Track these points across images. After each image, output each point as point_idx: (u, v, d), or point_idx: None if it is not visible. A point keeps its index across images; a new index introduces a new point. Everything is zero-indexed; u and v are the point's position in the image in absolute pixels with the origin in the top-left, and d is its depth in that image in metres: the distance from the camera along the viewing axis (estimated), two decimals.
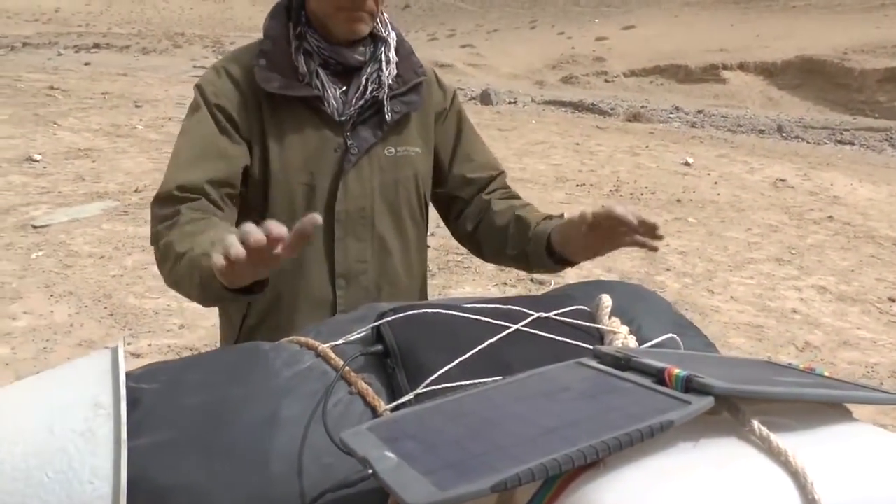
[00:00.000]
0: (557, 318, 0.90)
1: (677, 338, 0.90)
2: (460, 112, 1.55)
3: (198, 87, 1.36)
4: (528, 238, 1.36)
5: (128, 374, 0.76)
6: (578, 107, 20.60)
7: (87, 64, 24.74)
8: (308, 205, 1.35)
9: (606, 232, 1.16)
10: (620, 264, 5.18)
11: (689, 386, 0.64)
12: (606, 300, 0.95)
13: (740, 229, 6.37)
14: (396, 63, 1.41)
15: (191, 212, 1.21)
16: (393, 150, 1.41)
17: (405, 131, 1.44)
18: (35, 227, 5.12)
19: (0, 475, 0.64)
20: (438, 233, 5.66)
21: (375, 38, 1.41)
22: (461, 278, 4.78)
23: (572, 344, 0.86)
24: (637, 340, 0.91)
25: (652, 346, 0.88)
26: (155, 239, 1.23)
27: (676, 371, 0.65)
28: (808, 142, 15.11)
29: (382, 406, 0.76)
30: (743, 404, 0.65)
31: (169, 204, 1.23)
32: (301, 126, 1.35)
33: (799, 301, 4.79)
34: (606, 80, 27.48)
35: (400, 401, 0.76)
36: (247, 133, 1.34)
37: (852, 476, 0.61)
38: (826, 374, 0.81)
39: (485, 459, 0.58)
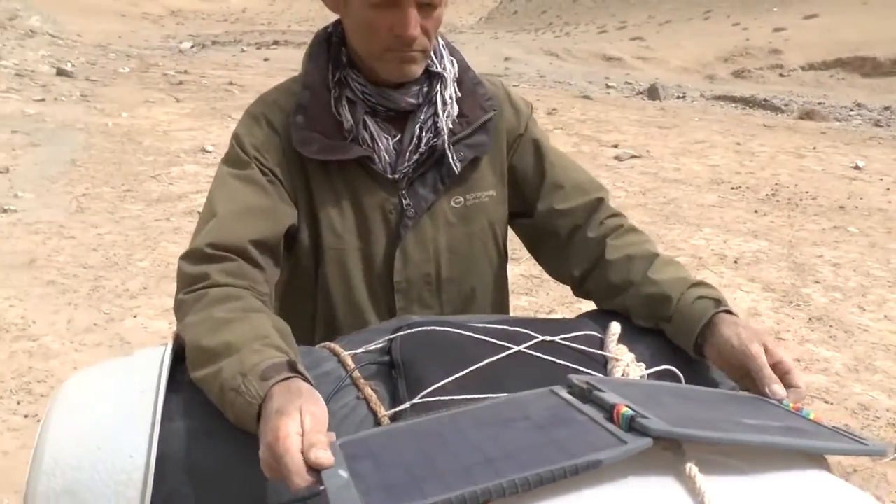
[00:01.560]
0: (564, 342, 0.95)
1: (675, 370, 0.93)
2: (538, 135, 1.34)
3: (235, 137, 1.21)
4: (667, 317, 1.07)
5: (178, 368, 0.91)
6: (749, 102, 19.56)
7: (265, 60, 26.46)
8: (364, 272, 1.22)
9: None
10: (765, 274, 4.95)
11: (632, 425, 0.67)
12: (615, 327, 0.99)
13: None
14: (458, 99, 1.24)
15: (223, 277, 1.05)
16: (461, 199, 1.25)
17: (474, 175, 1.26)
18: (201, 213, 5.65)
19: (67, 443, 0.80)
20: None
21: (430, 75, 1.23)
22: None
23: (572, 368, 0.91)
24: (648, 369, 0.94)
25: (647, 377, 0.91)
26: (178, 308, 1.05)
27: (624, 409, 0.68)
28: None
29: (382, 412, 0.86)
30: (688, 445, 0.68)
31: (199, 262, 1.07)
32: (351, 187, 1.21)
33: None
34: (781, 74, 25.84)
35: (397, 409, 0.86)
36: (292, 190, 1.19)
37: None
38: (812, 416, 0.81)
39: (419, 484, 0.63)
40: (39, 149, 7.83)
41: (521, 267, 4.69)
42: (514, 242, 1.40)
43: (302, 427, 0.75)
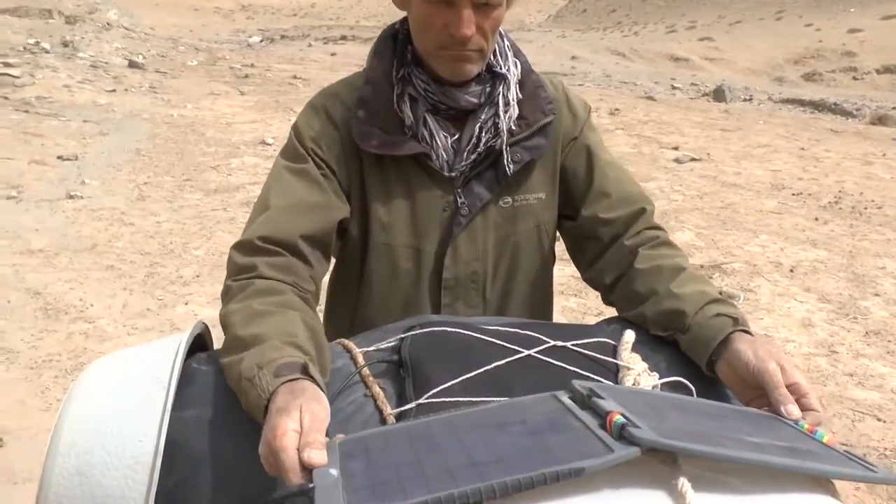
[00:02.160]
0: (576, 348, 0.95)
1: (687, 383, 0.91)
2: (592, 140, 1.33)
3: (294, 129, 1.24)
4: (683, 330, 1.06)
5: (195, 357, 0.94)
6: (819, 106, 18.97)
7: (332, 54, 26.83)
8: (414, 270, 1.24)
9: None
10: (822, 284, 4.80)
11: (622, 434, 0.67)
12: (629, 335, 0.97)
13: None
14: (519, 101, 1.24)
15: (270, 270, 1.07)
16: (510, 199, 1.26)
17: (526, 177, 1.26)
18: None
19: (83, 425, 0.84)
20: None
21: (493, 75, 1.23)
22: None
23: (582, 375, 0.90)
24: (661, 379, 0.93)
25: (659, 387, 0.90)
26: (224, 294, 1.08)
27: (616, 417, 0.68)
28: None
29: (388, 410, 0.87)
30: (685, 459, 0.67)
31: (249, 254, 1.10)
32: (406, 183, 1.22)
33: None
34: (855, 78, 24.97)
35: (403, 408, 0.87)
36: (346, 184, 1.21)
37: None
38: (825, 439, 0.79)
39: (404, 484, 0.65)
40: (107, 138, 8.12)
41: (572, 268, 4.64)
42: (563, 245, 1.39)
43: (301, 425, 0.77)
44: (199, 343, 1.03)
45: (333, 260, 1.32)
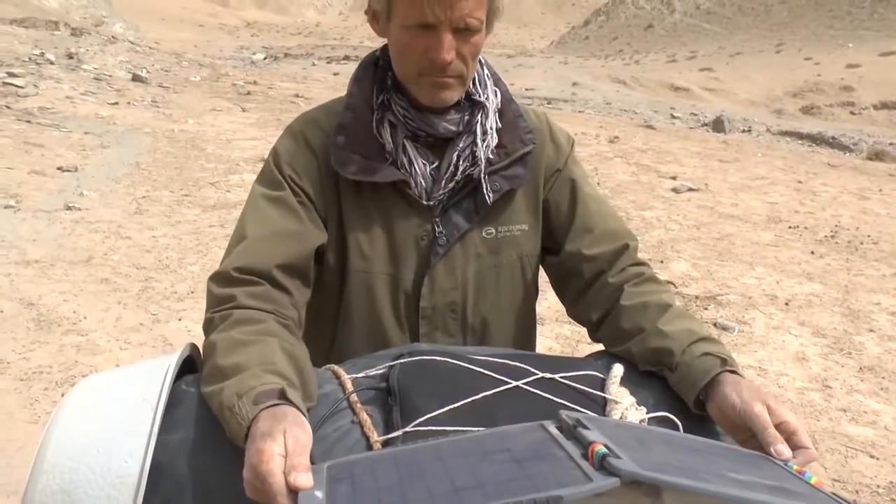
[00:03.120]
0: (564, 381, 0.95)
1: (674, 418, 0.91)
2: (575, 173, 1.32)
3: (273, 153, 1.23)
4: (671, 368, 1.06)
5: (184, 378, 0.94)
6: (816, 140, 19.10)
7: (335, 74, 27.00)
8: (390, 297, 1.22)
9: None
10: (817, 318, 4.81)
11: (603, 464, 0.67)
12: (618, 369, 0.98)
13: None
14: (499, 130, 1.23)
15: (248, 300, 1.07)
16: (493, 230, 1.24)
17: (508, 208, 1.25)
18: None
19: (69, 444, 0.83)
20: None
21: (472, 103, 1.22)
22: None
23: (569, 407, 0.90)
24: (649, 414, 0.93)
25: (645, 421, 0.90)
26: (206, 327, 1.07)
27: (598, 448, 0.68)
28: None
29: (375, 437, 0.86)
30: (669, 493, 0.67)
31: (226, 285, 1.09)
32: (384, 210, 1.20)
33: None
34: (852, 112, 25.18)
35: (390, 436, 0.86)
36: (323, 211, 1.20)
37: None
38: (813, 481, 0.79)
39: None
40: (108, 150, 8.14)
41: None
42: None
43: (285, 449, 0.78)
44: (189, 364, 1.03)
45: None
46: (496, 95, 1.26)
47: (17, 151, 7.47)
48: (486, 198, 1.20)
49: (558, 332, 4.22)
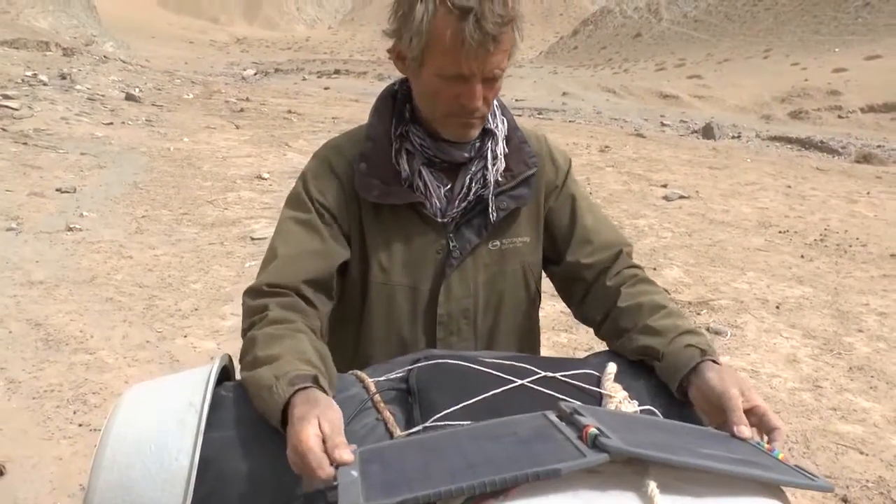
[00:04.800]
0: (564, 379, 1.06)
1: (654, 409, 1.03)
2: (574, 190, 1.47)
3: (302, 177, 1.37)
4: (658, 358, 1.19)
5: (223, 385, 1.05)
6: (805, 144, 19.33)
7: (326, 88, 27.12)
8: (410, 307, 1.36)
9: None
10: (807, 321, 4.92)
11: (595, 443, 0.80)
12: (612, 367, 1.09)
13: None
14: (505, 155, 1.37)
15: (279, 309, 1.20)
16: (498, 243, 1.39)
17: (513, 223, 1.40)
18: (253, 238, 5.87)
19: (124, 443, 0.93)
20: None
21: (484, 131, 1.35)
22: None
23: (569, 401, 1.00)
24: (640, 405, 1.04)
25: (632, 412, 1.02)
26: (243, 333, 1.22)
27: (591, 430, 0.81)
28: None
29: (398, 433, 0.97)
30: (655, 468, 0.78)
31: (259, 297, 1.24)
32: (402, 228, 1.34)
33: None
34: (840, 116, 25.42)
35: (411, 431, 0.97)
36: (347, 229, 1.34)
37: None
38: (780, 456, 0.90)
39: (411, 484, 0.78)
40: (105, 171, 8.23)
41: (562, 305, 4.74)
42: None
43: (321, 430, 0.92)
44: (224, 374, 1.13)
45: None
46: (504, 124, 1.40)
47: (16, 174, 7.56)
48: (492, 216, 1.34)
49: (555, 341, 4.32)
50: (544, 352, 4.25)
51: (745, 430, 1.00)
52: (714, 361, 1.13)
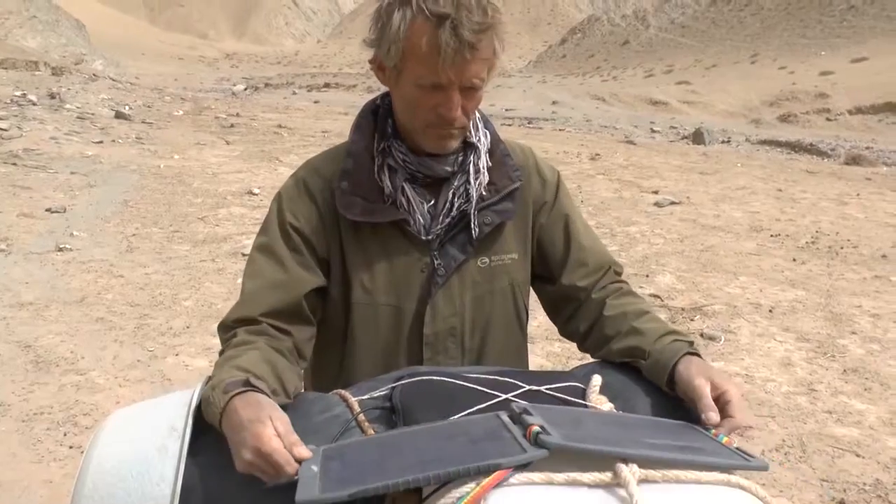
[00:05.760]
0: (548, 391, 1.05)
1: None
2: (567, 209, 1.45)
3: (277, 199, 1.36)
4: (644, 357, 1.22)
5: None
6: (795, 147, 19.40)
7: (316, 102, 27.14)
8: (395, 327, 1.33)
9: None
10: (801, 324, 4.92)
11: (537, 440, 0.86)
12: (596, 380, 1.09)
13: None
14: (489, 169, 1.34)
15: (244, 334, 1.23)
16: (487, 259, 1.36)
17: (499, 239, 1.37)
18: (244, 255, 5.84)
19: (105, 472, 0.91)
20: None
21: (465, 145, 1.33)
22: None
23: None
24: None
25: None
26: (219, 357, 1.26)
27: (534, 428, 0.87)
28: None
29: None
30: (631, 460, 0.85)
31: (228, 330, 1.27)
32: (385, 248, 1.31)
33: None
34: (828, 119, 25.57)
35: None
36: (324, 253, 1.32)
37: None
38: (724, 440, 0.98)
39: (365, 477, 0.84)
40: (95, 189, 8.20)
41: None
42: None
43: (276, 431, 0.95)
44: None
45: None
46: (486, 136, 1.37)
47: (5, 194, 7.53)
48: (474, 232, 1.31)
49: (549, 350, 4.30)
50: (537, 362, 4.24)
51: (713, 416, 1.03)
52: (697, 355, 1.17)
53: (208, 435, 0.99)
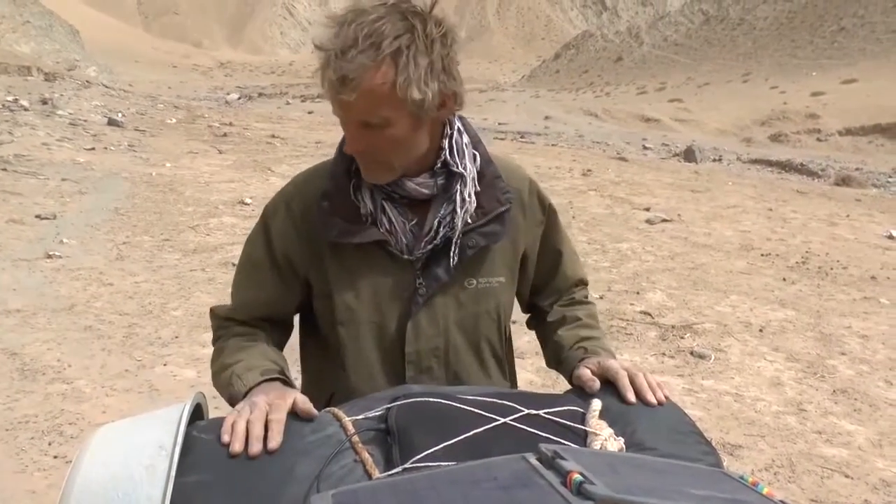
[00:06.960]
0: (548, 416, 1.03)
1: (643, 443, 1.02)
2: (560, 244, 1.48)
3: (264, 214, 1.37)
4: (560, 361, 1.39)
5: (195, 425, 1.01)
6: (786, 167, 19.54)
7: (309, 112, 27.14)
8: (377, 344, 1.32)
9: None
10: (791, 344, 4.93)
11: (580, 490, 0.76)
12: (596, 404, 1.07)
13: None
14: (477, 194, 1.30)
15: (239, 326, 1.34)
16: (473, 281, 1.33)
17: (487, 260, 1.34)
18: (235, 265, 5.81)
19: (91, 490, 0.89)
20: (608, 296, 5.67)
21: (449, 172, 1.28)
22: (622, 344, 4.78)
23: (553, 440, 0.98)
24: (626, 443, 1.02)
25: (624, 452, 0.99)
26: (213, 341, 1.36)
27: (575, 476, 0.77)
28: None
29: (376, 475, 0.94)
30: None
31: (222, 321, 1.37)
32: (368, 267, 1.29)
33: None
34: (819, 139, 25.77)
35: (390, 472, 0.94)
36: (304, 270, 1.33)
37: None
38: (765, 491, 0.88)
39: None
40: (86, 197, 8.16)
41: None
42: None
43: (296, 403, 1.08)
44: (197, 412, 1.10)
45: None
46: (475, 161, 1.32)
47: None
48: (453, 260, 1.29)
49: (539, 366, 4.29)
50: (527, 377, 4.21)
51: (593, 385, 1.20)
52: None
53: (197, 453, 0.96)
